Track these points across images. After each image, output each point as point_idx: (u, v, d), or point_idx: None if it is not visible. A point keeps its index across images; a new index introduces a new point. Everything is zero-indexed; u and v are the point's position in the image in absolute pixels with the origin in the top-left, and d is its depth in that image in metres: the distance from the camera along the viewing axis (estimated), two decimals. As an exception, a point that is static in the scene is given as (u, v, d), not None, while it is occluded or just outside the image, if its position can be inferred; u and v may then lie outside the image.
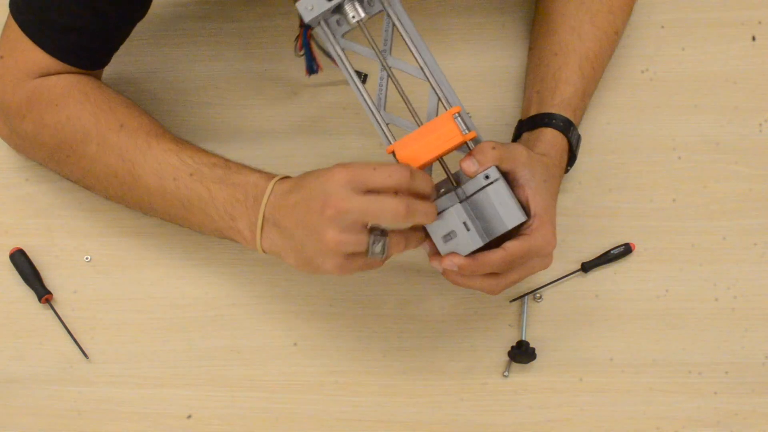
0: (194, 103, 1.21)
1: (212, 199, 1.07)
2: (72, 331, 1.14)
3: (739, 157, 1.19)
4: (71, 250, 1.17)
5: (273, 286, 1.16)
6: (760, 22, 1.24)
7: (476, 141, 1.05)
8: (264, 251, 1.05)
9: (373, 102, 1.06)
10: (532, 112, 1.14)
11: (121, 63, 1.21)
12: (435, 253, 1.04)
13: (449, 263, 1.02)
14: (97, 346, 1.14)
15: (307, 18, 1.04)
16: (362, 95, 1.06)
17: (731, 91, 1.21)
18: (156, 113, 1.20)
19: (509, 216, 1.03)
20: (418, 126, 1.05)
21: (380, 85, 1.07)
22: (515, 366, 1.13)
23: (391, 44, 1.07)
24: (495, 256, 1.02)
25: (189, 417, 1.12)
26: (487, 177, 1.03)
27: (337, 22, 1.06)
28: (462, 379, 1.13)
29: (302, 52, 1.08)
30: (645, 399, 1.13)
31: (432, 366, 1.13)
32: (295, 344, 1.14)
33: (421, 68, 1.06)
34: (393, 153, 1.04)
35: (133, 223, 1.17)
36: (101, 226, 1.17)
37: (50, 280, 1.16)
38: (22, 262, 1.15)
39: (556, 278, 1.15)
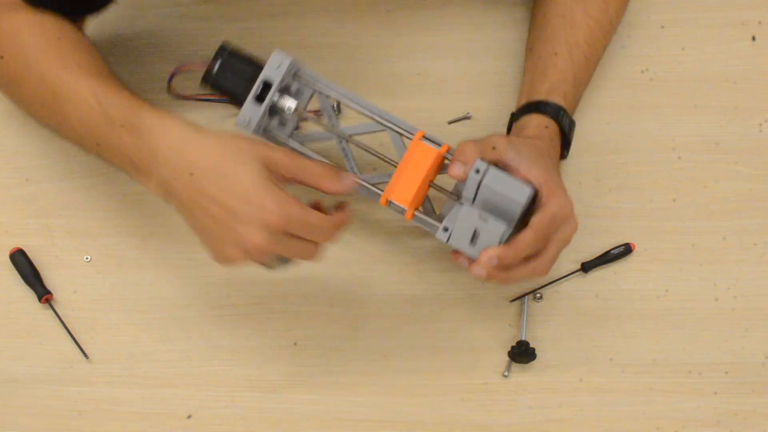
0: (194, 102, 1.21)
1: (121, 144, 1.04)
2: (72, 331, 1.14)
3: (739, 157, 1.20)
4: (71, 250, 1.17)
5: (273, 286, 1.16)
6: (760, 22, 1.24)
7: (452, 152, 1.05)
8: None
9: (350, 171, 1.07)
10: (522, 101, 1.14)
11: (120, 63, 1.21)
12: (472, 263, 1.04)
13: (486, 259, 1.02)
14: (97, 346, 1.14)
15: (250, 131, 1.04)
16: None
17: (731, 91, 1.21)
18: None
19: (517, 193, 1.02)
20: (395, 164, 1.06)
21: (345, 155, 1.09)
22: (515, 366, 1.13)
23: (335, 115, 1.10)
24: (525, 235, 1.02)
25: (189, 417, 1.12)
26: (477, 171, 1.03)
27: (280, 123, 1.07)
28: (462, 379, 1.13)
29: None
30: (645, 399, 1.13)
31: (432, 366, 1.13)
32: (295, 344, 1.14)
33: (371, 117, 1.07)
34: (388, 202, 1.05)
35: (133, 223, 1.17)
36: (101, 226, 1.17)
37: (50, 280, 1.16)
38: (22, 262, 1.15)
39: (556, 278, 1.15)
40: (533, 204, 1.04)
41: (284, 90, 1.06)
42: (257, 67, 1.06)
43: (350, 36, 1.23)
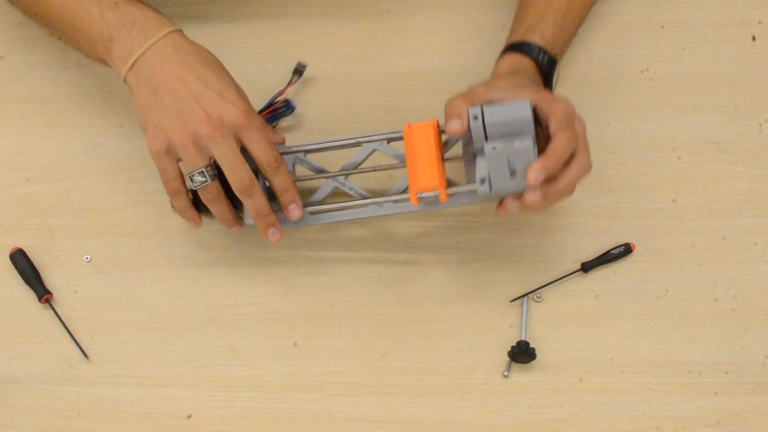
0: (194, 103, 1.21)
1: (101, 19, 1.07)
2: (72, 331, 1.14)
3: (739, 157, 1.20)
4: (71, 250, 1.17)
5: (273, 286, 1.16)
6: (760, 22, 1.24)
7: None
8: (124, 81, 1.06)
9: (366, 199, 1.09)
10: (507, 41, 1.15)
11: (121, 63, 1.21)
12: (521, 198, 1.03)
13: (534, 175, 1.01)
14: (97, 346, 1.14)
15: (247, 222, 1.09)
16: (363, 208, 1.10)
17: (731, 91, 1.21)
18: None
19: (520, 111, 1.02)
20: (404, 164, 1.08)
21: (348, 189, 1.10)
22: (515, 366, 1.13)
23: (312, 164, 1.12)
24: (555, 140, 1.02)
25: (189, 417, 1.12)
26: (476, 117, 1.03)
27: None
28: (462, 379, 1.13)
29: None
30: (645, 399, 1.13)
31: (432, 366, 1.13)
32: (295, 344, 1.14)
33: (357, 143, 1.10)
34: (417, 197, 1.05)
35: (133, 223, 1.17)
36: (101, 226, 1.17)
37: (50, 280, 1.16)
38: (22, 262, 1.15)
39: (556, 278, 1.15)
40: (538, 126, 1.04)
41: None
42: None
43: (350, 36, 1.23)
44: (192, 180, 1.05)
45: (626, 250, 1.16)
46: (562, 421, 1.12)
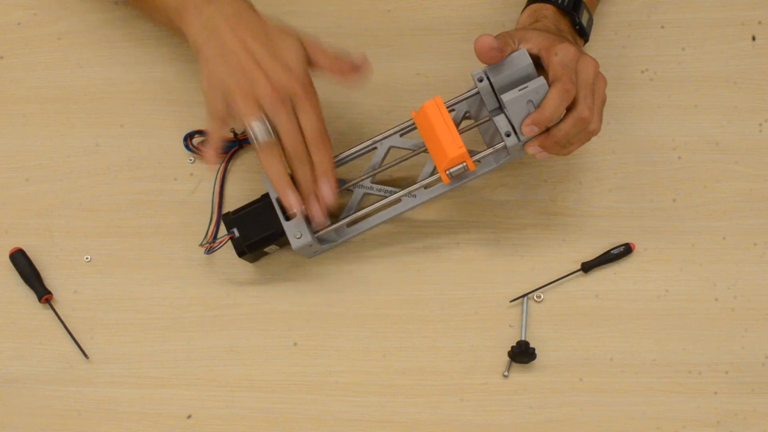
0: (194, 103, 1.21)
1: None
2: (72, 331, 1.14)
3: (739, 157, 1.19)
4: (71, 250, 1.17)
5: (273, 286, 1.16)
6: (760, 22, 1.24)
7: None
8: (193, 43, 1.09)
9: (401, 197, 1.11)
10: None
11: (121, 63, 1.21)
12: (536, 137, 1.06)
13: (527, 131, 1.04)
14: (97, 346, 1.14)
15: (310, 239, 1.10)
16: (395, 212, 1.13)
17: (731, 91, 1.21)
18: (156, 113, 1.20)
19: (519, 60, 1.05)
20: (424, 148, 1.11)
21: (377, 191, 1.12)
22: (515, 366, 1.13)
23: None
24: (548, 94, 1.03)
25: (189, 417, 1.12)
26: (480, 79, 1.07)
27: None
28: (462, 379, 1.13)
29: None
30: (645, 399, 1.13)
31: (432, 366, 1.13)
32: (295, 344, 1.14)
33: (366, 147, 1.12)
34: (448, 173, 1.07)
35: (133, 223, 1.17)
36: (101, 226, 1.17)
37: (50, 280, 1.16)
38: (22, 262, 1.15)
39: (556, 278, 1.15)
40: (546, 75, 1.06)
41: None
42: (261, 201, 1.11)
43: (350, 36, 1.23)
44: (257, 138, 1.07)
45: (626, 250, 1.16)
46: (562, 421, 1.12)
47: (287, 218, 1.10)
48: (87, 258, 1.16)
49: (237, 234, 1.11)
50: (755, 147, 1.20)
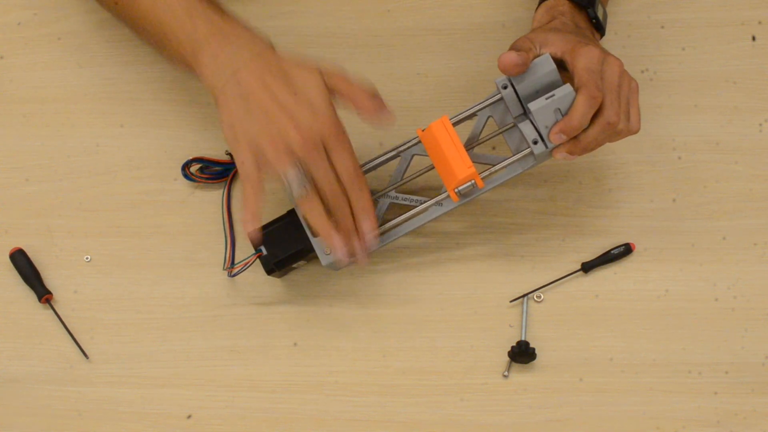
0: (195, 102, 1.21)
1: (193, 29, 1.06)
2: (72, 331, 1.14)
3: (739, 157, 1.20)
4: (71, 250, 1.17)
5: (273, 286, 1.16)
6: (760, 22, 1.24)
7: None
8: (211, 90, 1.05)
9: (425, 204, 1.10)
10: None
11: (121, 63, 1.21)
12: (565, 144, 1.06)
13: (555, 138, 1.04)
14: (97, 346, 1.14)
15: (325, 262, 1.09)
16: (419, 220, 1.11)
17: (731, 91, 1.21)
18: (157, 112, 1.20)
19: (542, 65, 1.05)
20: (431, 167, 1.11)
21: (402, 200, 1.11)
22: (515, 366, 1.13)
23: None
24: (575, 102, 1.03)
25: (189, 417, 1.12)
26: (505, 87, 1.07)
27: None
28: (462, 379, 1.13)
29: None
30: (645, 399, 1.13)
31: (432, 366, 1.13)
32: (295, 344, 1.14)
33: (390, 156, 1.11)
34: (457, 193, 1.08)
35: (133, 223, 1.17)
36: (101, 226, 1.17)
37: (50, 280, 1.16)
38: (22, 262, 1.15)
39: (556, 278, 1.15)
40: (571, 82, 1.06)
41: None
42: (287, 218, 1.10)
43: (350, 36, 1.23)
44: (290, 183, 1.03)
45: (626, 250, 1.16)
46: (562, 421, 1.12)
47: (315, 235, 1.09)
48: (87, 258, 1.17)
49: (265, 252, 1.10)
50: (755, 147, 1.20)
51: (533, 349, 1.12)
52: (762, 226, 1.17)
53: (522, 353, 1.12)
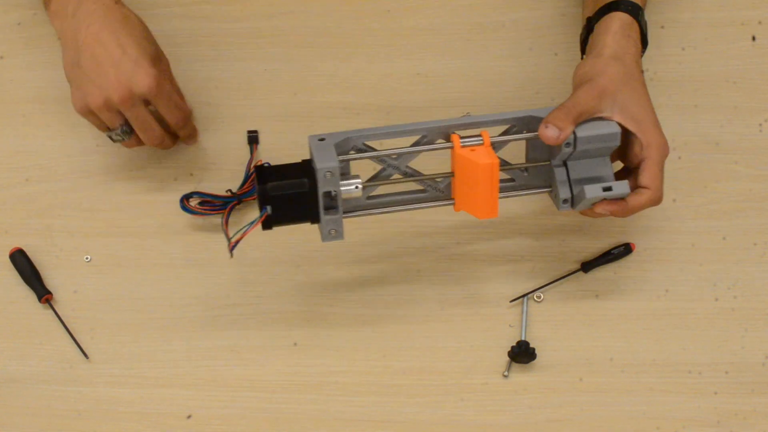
0: (194, 102, 1.21)
1: None
2: (72, 331, 1.14)
3: (739, 157, 1.20)
4: (71, 250, 1.17)
5: (273, 286, 1.16)
6: (760, 22, 1.24)
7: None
8: (59, 37, 1.13)
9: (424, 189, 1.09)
10: (594, 6, 1.12)
11: (121, 63, 1.21)
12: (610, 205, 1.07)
13: (600, 211, 1.06)
14: (97, 346, 1.14)
15: (341, 238, 1.06)
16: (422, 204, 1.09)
17: (731, 91, 1.21)
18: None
19: (608, 128, 1.05)
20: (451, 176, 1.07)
21: (421, 182, 1.08)
22: (515, 366, 1.13)
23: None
24: (635, 199, 1.06)
25: (189, 417, 1.12)
26: (568, 144, 1.04)
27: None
28: (462, 379, 1.13)
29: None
30: (645, 399, 1.13)
31: (432, 366, 1.13)
32: (295, 344, 1.14)
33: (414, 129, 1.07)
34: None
35: (133, 223, 1.17)
36: (101, 226, 1.17)
37: (50, 280, 1.16)
38: (22, 262, 1.15)
39: (556, 278, 1.15)
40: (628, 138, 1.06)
41: (342, 176, 1.04)
42: (306, 181, 1.04)
43: (350, 36, 1.23)
44: (112, 138, 1.13)
45: (626, 250, 1.16)
46: (562, 421, 1.12)
47: (327, 210, 1.05)
48: (87, 258, 1.17)
49: (270, 212, 1.05)
50: (755, 147, 1.20)
51: (533, 349, 1.12)
52: (762, 226, 1.17)
53: (522, 353, 1.12)
